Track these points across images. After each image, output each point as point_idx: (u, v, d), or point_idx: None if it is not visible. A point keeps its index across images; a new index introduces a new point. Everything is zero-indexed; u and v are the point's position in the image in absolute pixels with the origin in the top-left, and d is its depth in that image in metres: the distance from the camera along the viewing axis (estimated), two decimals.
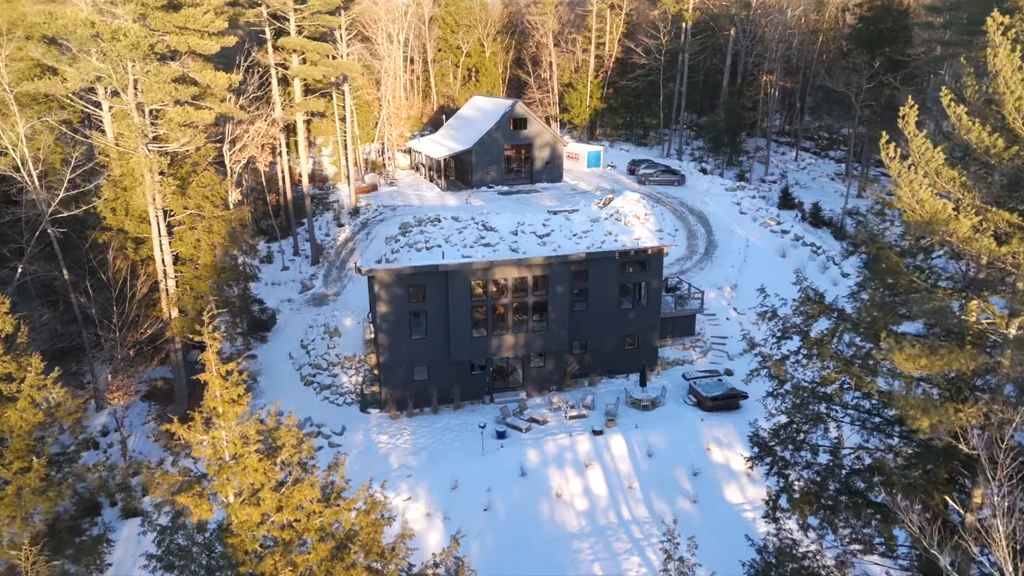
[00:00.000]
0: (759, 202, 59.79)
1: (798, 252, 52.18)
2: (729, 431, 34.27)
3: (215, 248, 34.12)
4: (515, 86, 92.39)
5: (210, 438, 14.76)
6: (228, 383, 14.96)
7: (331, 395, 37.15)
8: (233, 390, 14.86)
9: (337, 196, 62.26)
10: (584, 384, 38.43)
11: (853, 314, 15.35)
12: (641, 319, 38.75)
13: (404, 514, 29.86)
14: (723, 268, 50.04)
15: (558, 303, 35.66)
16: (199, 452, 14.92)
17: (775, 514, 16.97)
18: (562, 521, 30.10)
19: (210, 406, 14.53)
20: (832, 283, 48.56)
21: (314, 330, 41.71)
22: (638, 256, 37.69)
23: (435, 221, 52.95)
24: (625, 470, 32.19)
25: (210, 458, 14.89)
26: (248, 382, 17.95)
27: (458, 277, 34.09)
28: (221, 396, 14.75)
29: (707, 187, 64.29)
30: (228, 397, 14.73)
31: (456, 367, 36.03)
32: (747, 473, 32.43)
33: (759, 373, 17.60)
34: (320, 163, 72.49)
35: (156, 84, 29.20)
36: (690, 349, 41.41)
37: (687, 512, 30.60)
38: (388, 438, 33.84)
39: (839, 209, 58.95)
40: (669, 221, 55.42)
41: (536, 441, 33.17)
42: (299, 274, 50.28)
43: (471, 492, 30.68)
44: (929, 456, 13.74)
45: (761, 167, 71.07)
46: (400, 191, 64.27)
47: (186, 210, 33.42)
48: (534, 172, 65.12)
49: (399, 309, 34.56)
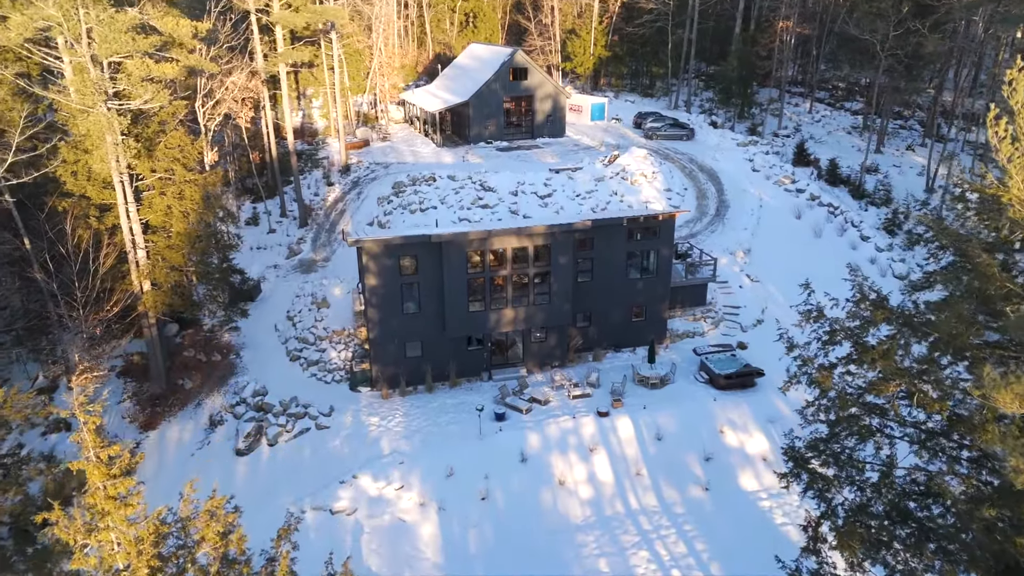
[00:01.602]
0: (772, 158, 56.48)
1: (814, 213, 49.24)
2: (744, 412, 32.04)
3: (188, 215, 31.31)
4: (515, 32, 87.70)
5: (94, 542, 11.34)
6: (113, 471, 11.37)
7: (319, 372, 34.82)
8: (121, 483, 11.24)
9: (327, 152, 58.90)
10: (588, 359, 36.07)
11: (918, 318, 12.73)
12: (650, 289, 36.14)
13: (396, 505, 27.88)
14: (735, 231, 47.17)
15: (561, 274, 33.01)
16: (80, 563, 11.41)
17: (815, 544, 14.67)
18: (565, 511, 28.10)
19: (88, 503, 11.12)
20: (851, 247, 45.82)
21: (301, 300, 39.15)
22: (648, 223, 34.84)
23: (430, 180, 49.92)
24: (632, 455, 30.08)
25: (95, 569, 11.55)
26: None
27: (453, 248, 31.36)
28: (105, 490, 11.14)
29: (717, 142, 60.89)
30: (113, 492, 11.21)
31: (452, 343, 33.61)
32: (763, 458, 30.37)
33: (798, 380, 15.05)
34: (310, 116, 68.81)
35: (111, 34, 25.96)
36: (701, 320, 38.92)
37: (699, 500, 28.59)
38: (379, 420, 31.62)
39: (856, 166, 55.77)
40: (678, 180, 52.30)
41: (537, 424, 30.96)
42: (286, 237, 47.46)
43: (468, 480, 28.62)
44: (1013, 497, 11.33)
45: (774, 120, 67.44)
46: (393, 147, 60.90)
47: (154, 173, 30.50)
48: (535, 126, 61.61)
49: (390, 281, 31.94)
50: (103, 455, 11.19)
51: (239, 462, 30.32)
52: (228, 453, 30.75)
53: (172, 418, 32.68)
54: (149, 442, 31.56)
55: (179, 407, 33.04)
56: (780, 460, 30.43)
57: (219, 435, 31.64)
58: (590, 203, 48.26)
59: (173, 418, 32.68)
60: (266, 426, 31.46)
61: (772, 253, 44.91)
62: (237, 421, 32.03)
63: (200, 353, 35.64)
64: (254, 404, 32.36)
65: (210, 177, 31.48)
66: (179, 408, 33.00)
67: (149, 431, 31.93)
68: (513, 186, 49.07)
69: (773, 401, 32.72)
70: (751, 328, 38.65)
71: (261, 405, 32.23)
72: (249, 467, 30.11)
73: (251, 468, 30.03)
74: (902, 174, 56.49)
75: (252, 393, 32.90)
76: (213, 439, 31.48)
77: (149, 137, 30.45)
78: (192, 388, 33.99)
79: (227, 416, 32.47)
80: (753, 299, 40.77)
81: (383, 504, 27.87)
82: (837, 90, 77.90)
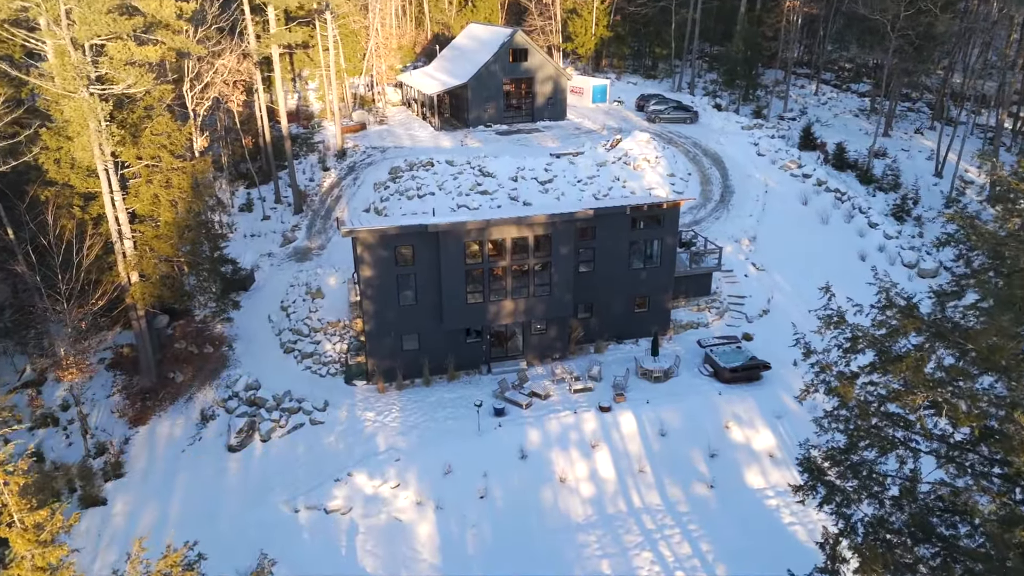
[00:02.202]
0: (778, 142, 55.23)
1: (821, 199, 48.12)
2: (750, 406, 31.17)
3: (176, 204, 30.23)
4: (515, 12, 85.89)
5: None
6: (42, 536, 9.37)
7: (313, 364, 33.92)
8: (51, 552, 9.32)
9: (323, 136, 57.63)
10: (590, 351, 35.15)
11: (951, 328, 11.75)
12: (653, 280, 35.14)
13: (392, 504, 27.09)
14: (740, 217, 46.08)
15: (562, 265, 31.99)
16: None
17: (834, 564, 13.79)
18: (566, 509, 27.31)
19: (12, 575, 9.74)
20: (859, 234, 44.76)
21: (295, 290, 38.15)
22: (652, 211, 33.75)
23: (428, 165, 48.56)
24: (635, 451, 29.25)
25: None
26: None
27: (451, 238, 30.32)
28: (32, 562, 9.18)
29: (722, 125, 59.59)
30: (41, 563, 9.25)
31: (450, 335, 32.68)
32: (770, 455, 29.55)
33: (816, 388, 14.10)
34: (306, 98, 67.38)
35: (91, 15, 24.72)
36: (705, 310, 37.95)
37: (703, 499, 27.78)
38: (375, 415, 30.76)
39: (864, 150, 54.51)
40: (681, 164, 51.06)
41: (538, 419, 30.10)
42: (281, 224, 46.38)
43: (466, 477, 27.82)
44: None
45: (779, 103, 66.00)
46: (390, 130, 59.59)
47: (140, 161, 29.38)
48: (535, 109, 60.22)
49: (385, 272, 30.94)
50: (28, 521, 9.36)
51: (231, 458, 29.51)
52: (220, 449, 29.94)
53: (163, 412, 31.83)
54: (139, 438, 30.73)
55: (170, 401, 32.18)
56: (787, 457, 29.65)
57: (211, 430, 30.80)
58: (592, 189, 47.01)
59: (164, 413, 31.83)
60: (259, 421, 30.61)
61: (778, 240, 43.86)
62: (229, 416, 31.19)
63: (192, 345, 34.72)
64: (247, 398, 31.49)
65: (199, 164, 30.35)
66: (170, 402, 32.14)
67: (139, 426, 31.09)
68: (513, 171, 47.82)
69: (780, 395, 31.85)
70: (757, 319, 37.72)
71: (254, 399, 31.36)
72: (241, 464, 29.31)
73: (243, 465, 29.22)
74: (911, 158, 55.26)
75: (245, 387, 32.01)
76: (204, 435, 30.65)
77: (134, 123, 29.27)
78: (183, 381, 33.12)
79: (219, 411, 31.61)
80: (759, 288, 39.79)
81: (379, 503, 27.09)
82: (844, 71, 76.39)
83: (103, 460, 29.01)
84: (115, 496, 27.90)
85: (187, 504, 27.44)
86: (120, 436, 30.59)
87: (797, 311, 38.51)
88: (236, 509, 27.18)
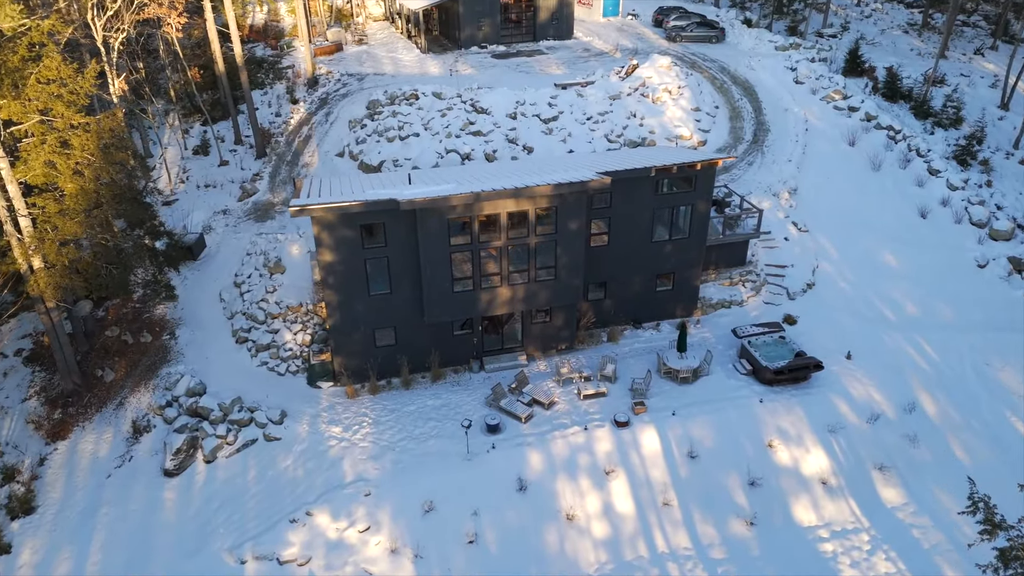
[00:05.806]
0: (819, 67, 47.33)
1: (871, 138, 41.05)
2: (798, 417, 25.72)
3: (82, 171, 23.73)
4: None
5: None
6: None
7: (270, 359, 28.28)
8: None
9: (293, 60, 49.81)
10: (602, 339, 29.41)
11: None
12: (680, 253, 29.00)
13: (360, 552, 22.04)
14: (777, 163, 39.24)
15: (570, 244, 25.73)
16: None
17: None
18: (575, 555, 22.34)
19: None
20: (917, 183, 38.09)
21: (252, 260, 31.97)
22: (683, 172, 27.20)
23: (411, 98, 41.51)
24: (659, 478, 24.00)
25: None
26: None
27: (431, 216, 23.96)
28: None
29: (752, 45, 51.58)
30: None
31: (434, 328, 26.85)
32: (822, 481, 24.29)
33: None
34: (276, 12, 58.83)
35: None
36: (739, 284, 31.92)
37: (742, 541, 22.75)
38: (342, 431, 25.34)
39: (918, 75, 46.84)
40: (707, 96, 43.72)
41: (540, 438, 24.70)
42: (240, 171, 39.66)
43: (452, 517, 22.70)
44: None
45: (818, 17, 57.44)
46: (370, 51, 51.64)
47: (29, 117, 22.67)
48: (537, 26, 51.99)
49: (351, 257, 24.78)
50: None
51: (167, 486, 24.28)
52: (154, 473, 24.68)
53: (87, 423, 26.41)
54: (57, 457, 25.41)
55: (96, 408, 26.72)
56: (844, 483, 24.44)
57: (144, 447, 25.46)
58: (604, 128, 40.09)
59: (88, 423, 26.41)
60: (202, 437, 25.23)
61: (823, 193, 37.27)
62: (167, 428, 25.78)
63: (126, 333, 29.02)
64: (188, 407, 25.99)
65: (106, 120, 23.63)
66: (96, 410, 26.69)
67: (58, 441, 25.75)
68: (511, 107, 40.73)
69: (833, 402, 26.36)
70: (800, 295, 31.76)
71: (197, 409, 25.86)
72: (179, 493, 24.10)
73: (182, 495, 24.02)
74: (972, 85, 47.63)
75: (186, 391, 26.45)
76: (136, 453, 25.32)
77: (17, 67, 22.41)
78: (114, 380, 27.59)
79: (155, 420, 26.20)
80: (802, 256, 33.59)
81: (344, 550, 22.05)
82: None
83: (8, 490, 23.77)
84: (22, 540, 22.80)
85: (110, 551, 22.40)
86: (34, 456, 25.27)
87: (849, 286, 32.53)
88: (170, 558, 22.17)
